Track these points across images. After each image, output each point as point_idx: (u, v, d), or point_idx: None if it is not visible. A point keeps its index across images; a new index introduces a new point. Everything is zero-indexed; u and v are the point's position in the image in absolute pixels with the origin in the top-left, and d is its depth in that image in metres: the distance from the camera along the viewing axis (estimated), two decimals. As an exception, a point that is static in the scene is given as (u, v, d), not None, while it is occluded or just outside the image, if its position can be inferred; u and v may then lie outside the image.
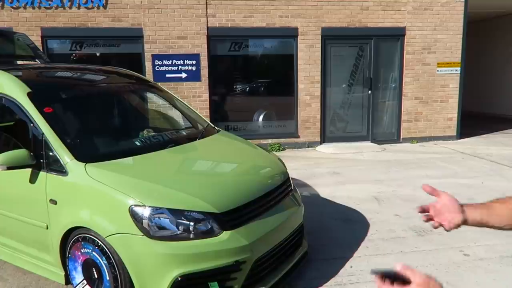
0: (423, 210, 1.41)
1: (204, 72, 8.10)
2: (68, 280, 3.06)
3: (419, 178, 6.13)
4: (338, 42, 8.47)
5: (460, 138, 9.09)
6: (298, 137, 8.62)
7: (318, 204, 5.08)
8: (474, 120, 11.81)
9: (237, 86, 8.75)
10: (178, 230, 2.64)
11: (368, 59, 8.63)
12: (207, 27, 7.98)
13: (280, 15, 8.13)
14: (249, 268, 2.75)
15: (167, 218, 2.64)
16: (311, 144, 8.61)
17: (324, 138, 8.74)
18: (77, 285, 2.94)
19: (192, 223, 2.65)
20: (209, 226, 2.68)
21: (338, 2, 8.22)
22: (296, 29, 8.21)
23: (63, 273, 3.06)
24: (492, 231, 1.40)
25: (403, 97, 8.78)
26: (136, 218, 2.60)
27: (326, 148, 8.38)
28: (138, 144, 3.44)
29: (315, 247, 3.82)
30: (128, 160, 3.08)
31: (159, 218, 2.63)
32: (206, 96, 8.21)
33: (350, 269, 3.45)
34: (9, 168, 2.92)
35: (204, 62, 8.06)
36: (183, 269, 2.56)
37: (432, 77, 8.76)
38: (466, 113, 10.59)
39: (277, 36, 8.31)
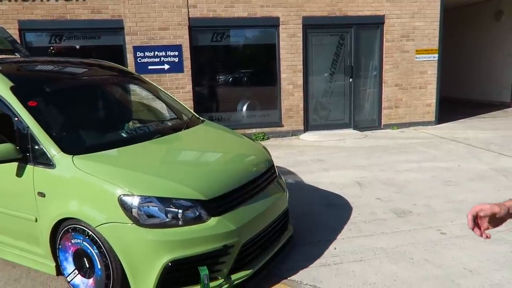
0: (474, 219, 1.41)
1: (187, 63, 8.10)
2: (59, 271, 3.11)
3: (399, 163, 6.32)
4: (319, 31, 8.57)
5: (438, 123, 9.35)
6: (282, 126, 8.73)
7: (303, 190, 5.21)
8: (452, 105, 12.13)
9: (220, 77, 8.78)
10: (167, 217, 2.71)
11: (349, 47, 8.76)
12: (189, 18, 7.96)
13: (261, 4, 8.16)
14: (237, 252, 2.85)
15: (156, 207, 2.71)
16: (294, 133, 8.73)
17: (308, 126, 8.88)
18: (69, 275, 3.00)
19: (180, 211, 2.73)
20: (197, 213, 2.76)
21: (318, -9, 8.29)
22: (277, 18, 8.26)
23: (53, 264, 3.11)
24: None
25: (383, 84, 8.96)
26: (125, 207, 2.66)
27: (310, 136, 8.52)
28: (124, 135, 3.49)
29: (300, 231, 3.95)
30: (115, 151, 3.12)
31: (147, 206, 2.70)
32: (189, 87, 8.22)
33: (334, 251, 3.59)
34: (-4, 162, 2.94)
35: (186, 53, 8.05)
36: (173, 255, 2.64)
37: (411, 64, 8.95)
38: (444, 99, 10.86)
39: (259, 26, 8.35)
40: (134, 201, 2.67)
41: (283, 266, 3.35)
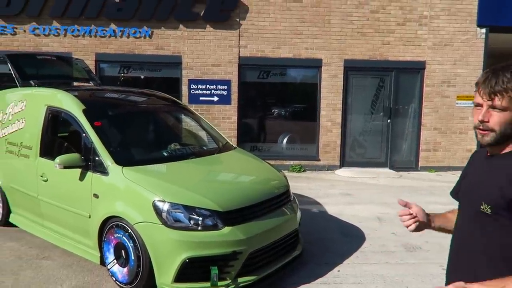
0: (405, 205, 1.74)
1: (234, 96, 8.92)
2: (102, 260, 3.80)
3: (426, 204, 6.45)
4: (360, 73, 9.06)
5: (479, 170, 9.25)
6: (319, 160, 9.17)
7: (324, 219, 5.61)
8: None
9: (264, 110, 9.49)
10: (190, 223, 3.32)
11: (389, 89, 9.13)
12: (239, 56, 8.84)
13: (306, 47, 8.86)
14: (245, 259, 3.37)
15: (182, 213, 3.34)
16: (330, 168, 9.12)
17: (344, 162, 9.24)
18: (109, 263, 3.68)
19: (200, 218, 3.33)
20: (214, 222, 3.35)
21: (361, 37, 8.85)
22: (320, 60, 8.90)
23: (99, 254, 3.81)
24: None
25: (422, 127, 9.16)
26: (157, 210, 3.32)
27: (344, 172, 8.87)
28: (165, 154, 4.21)
29: (311, 253, 4.37)
30: (156, 166, 3.84)
31: (175, 212, 3.33)
32: (235, 118, 9.00)
33: (337, 273, 3.97)
34: (65, 167, 3.75)
35: (234, 88, 8.89)
36: (190, 253, 3.23)
37: (451, 109, 9.10)
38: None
39: (302, 66, 9.03)
40: (164, 206, 3.32)
41: (288, 279, 3.79)
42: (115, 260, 3.62)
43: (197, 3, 8.54)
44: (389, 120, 9.16)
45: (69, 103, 4.24)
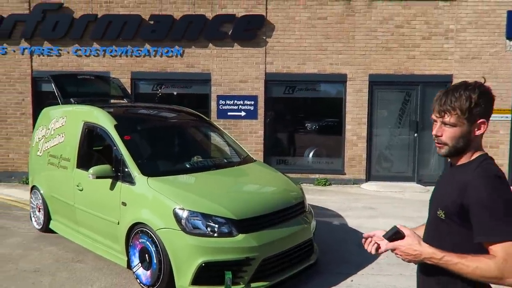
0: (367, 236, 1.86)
1: (261, 111, 9.21)
2: (128, 264, 4.12)
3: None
4: (385, 88, 9.12)
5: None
6: (344, 174, 9.23)
7: (343, 231, 5.71)
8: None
9: (290, 125, 9.70)
10: (207, 230, 3.58)
11: (415, 103, 9.11)
12: (265, 73, 9.15)
13: (331, 63, 9.05)
14: (257, 265, 3.58)
15: (200, 220, 3.61)
16: (356, 181, 9.16)
17: (370, 176, 9.25)
18: (134, 266, 3.99)
19: (216, 225, 3.58)
20: (229, 229, 3.59)
21: (385, 52, 8.94)
22: (345, 75, 9.05)
23: (126, 259, 4.14)
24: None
25: (450, 141, 9.03)
26: (177, 218, 3.60)
27: (370, 186, 8.88)
28: (188, 166, 4.53)
29: (327, 263, 4.50)
30: (178, 177, 4.16)
31: (193, 219, 3.60)
32: (261, 132, 9.27)
33: (350, 282, 4.09)
34: (97, 177, 4.14)
35: (261, 103, 9.18)
36: (207, 258, 3.48)
37: (481, 122, 8.92)
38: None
39: (327, 81, 9.21)
40: (184, 214, 3.60)
41: (301, 286, 3.95)
42: (139, 264, 3.93)
43: (225, 23, 8.97)
44: (415, 134, 9.12)
45: (103, 118, 4.66)
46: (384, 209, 7.06)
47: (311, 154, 9.59)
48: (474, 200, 1.50)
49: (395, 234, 1.56)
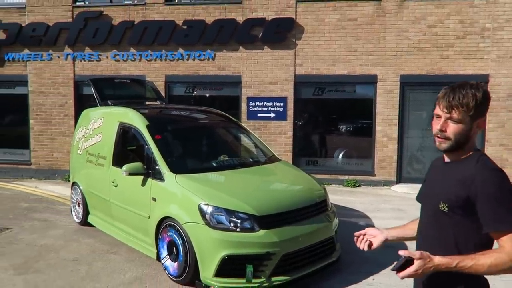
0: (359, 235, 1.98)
1: (290, 113, 9.32)
2: (158, 256, 4.36)
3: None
4: (417, 88, 8.97)
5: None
6: (374, 175, 9.16)
7: (369, 232, 5.71)
8: None
9: (319, 126, 9.74)
10: (230, 224, 3.75)
11: (448, 104, 8.89)
12: (295, 75, 9.25)
13: (361, 64, 9.02)
14: (278, 260, 3.71)
15: (223, 216, 3.78)
16: (386, 183, 9.06)
17: (400, 178, 9.12)
18: (163, 258, 4.23)
19: (239, 221, 3.74)
20: (251, 224, 3.74)
21: (418, 52, 8.80)
22: (375, 76, 8.99)
23: (155, 251, 4.39)
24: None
25: (486, 143, 8.76)
26: (202, 213, 3.80)
27: (400, 188, 8.76)
28: (214, 164, 4.73)
29: (349, 261, 4.55)
30: (204, 174, 4.36)
31: (217, 214, 3.78)
32: (290, 133, 9.37)
33: (371, 281, 4.13)
34: (130, 174, 4.42)
35: (290, 104, 9.29)
36: (229, 251, 3.65)
37: (519, 124, 8.61)
38: None
39: (357, 82, 9.18)
40: (208, 209, 3.80)
41: (321, 283, 4.04)
42: (167, 256, 4.16)
43: (255, 26, 9.16)
44: (449, 136, 8.89)
45: (136, 119, 4.96)
46: (413, 211, 6.91)
47: (340, 155, 9.58)
48: (481, 192, 1.56)
49: (406, 263, 1.52)
